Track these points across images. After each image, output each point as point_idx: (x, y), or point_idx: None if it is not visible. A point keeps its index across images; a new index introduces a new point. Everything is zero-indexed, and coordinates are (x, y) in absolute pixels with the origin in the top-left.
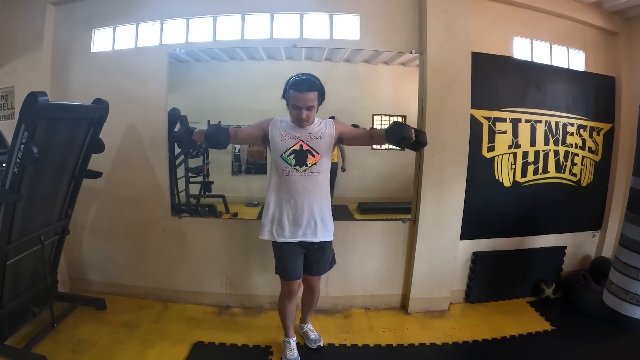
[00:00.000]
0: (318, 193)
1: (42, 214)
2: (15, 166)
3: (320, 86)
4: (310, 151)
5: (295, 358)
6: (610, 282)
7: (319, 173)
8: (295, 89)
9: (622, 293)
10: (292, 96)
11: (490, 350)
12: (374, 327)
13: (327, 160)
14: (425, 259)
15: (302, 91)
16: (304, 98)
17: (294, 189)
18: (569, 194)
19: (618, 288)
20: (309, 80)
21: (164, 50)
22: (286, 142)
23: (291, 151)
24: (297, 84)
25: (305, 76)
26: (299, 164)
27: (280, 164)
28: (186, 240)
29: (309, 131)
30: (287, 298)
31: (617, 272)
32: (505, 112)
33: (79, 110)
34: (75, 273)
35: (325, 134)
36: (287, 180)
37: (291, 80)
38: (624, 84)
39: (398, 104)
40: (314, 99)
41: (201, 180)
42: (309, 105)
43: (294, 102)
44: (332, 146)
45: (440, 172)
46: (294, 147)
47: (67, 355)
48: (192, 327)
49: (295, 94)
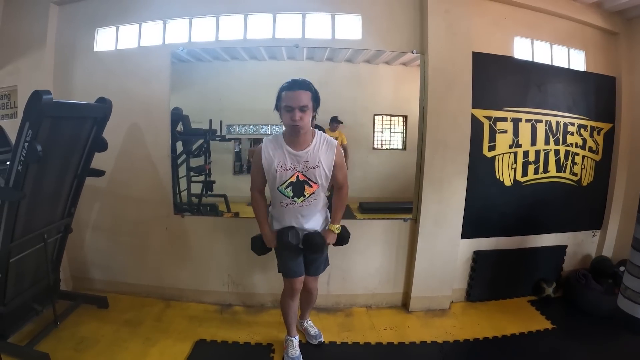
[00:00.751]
0: (316, 214)
1: (45, 212)
2: (19, 164)
3: (315, 90)
4: (307, 182)
5: (297, 356)
6: (626, 287)
7: (316, 199)
8: (286, 88)
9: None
10: (284, 97)
11: (491, 349)
12: (376, 326)
13: (325, 186)
14: (426, 257)
15: (294, 89)
16: (296, 96)
17: (293, 217)
18: (569, 194)
19: (634, 293)
20: (302, 80)
21: (167, 50)
22: (282, 175)
23: (288, 184)
24: (289, 83)
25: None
26: (296, 195)
27: (278, 196)
28: (188, 239)
29: (305, 159)
30: (289, 296)
31: (632, 277)
32: (506, 111)
33: (82, 109)
34: (77, 271)
35: (323, 161)
36: (286, 210)
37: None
38: (624, 84)
39: (399, 104)
40: (307, 99)
41: (203, 180)
42: (302, 105)
43: (287, 103)
44: (329, 174)
45: (441, 172)
46: (290, 180)
47: (70, 353)
48: (194, 325)
49: (287, 93)
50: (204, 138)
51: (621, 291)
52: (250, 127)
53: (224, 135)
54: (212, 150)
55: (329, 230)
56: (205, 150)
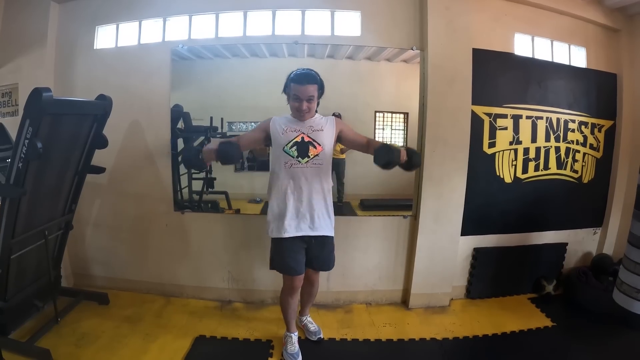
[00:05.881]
0: (319, 187)
1: (46, 208)
2: (20, 161)
3: (320, 80)
4: (312, 142)
5: (296, 352)
6: (621, 282)
7: (320, 164)
8: (295, 82)
9: (634, 292)
10: (292, 88)
11: (491, 346)
12: (375, 322)
13: (328, 152)
14: (426, 254)
15: (303, 84)
16: (304, 90)
17: (296, 180)
18: (570, 191)
19: (629, 287)
20: (309, 73)
21: (167, 47)
22: (287, 135)
23: (293, 143)
24: (298, 77)
25: (306, 70)
26: (301, 155)
27: (283, 157)
28: (189, 236)
29: (310, 124)
30: (289, 294)
31: (628, 272)
32: (507, 108)
33: (82, 106)
34: (78, 268)
35: (326, 127)
36: (290, 172)
37: (292, 75)
38: (625, 81)
39: (400, 101)
40: (314, 91)
41: (204, 177)
42: (309, 96)
43: (295, 93)
44: (333, 140)
45: (441, 168)
46: (295, 139)
47: (71, 349)
48: (194, 321)
49: (296, 86)
50: (204, 135)
51: (617, 285)
52: (251, 124)
53: (225, 132)
54: None
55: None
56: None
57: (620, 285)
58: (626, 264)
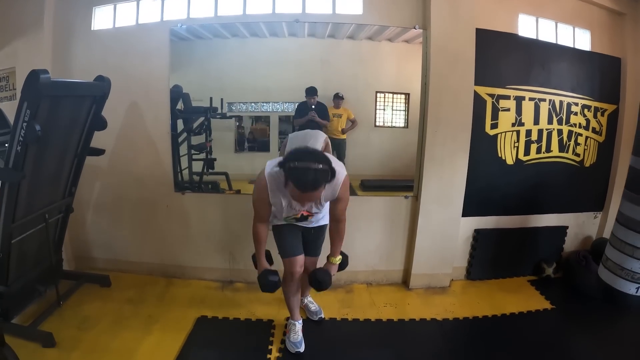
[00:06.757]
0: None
1: (45, 192)
2: (18, 144)
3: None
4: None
5: (299, 341)
6: (607, 258)
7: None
8: (296, 185)
9: (618, 269)
10: (291, 189)
11: (490, 327)
12: (376, 303)
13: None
14: (427, 235)
15: (306, 191)
16: (307, 197)
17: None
18: (571, 174)
19: (614, 264)
20: (315, 178)
21: (166, 27)
22: (288, 211)
23: (292, 217)
24: (300, 180)
25: (309, 167)
26: (300, 221)
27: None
28: (190, 217)
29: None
30: (289, 280)
31: (614, 249)
32: (509, 89)
33: (80, 87)
34: (80, 251)
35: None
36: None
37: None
38: (629, 66)
39: (401, 81)
40: (320, 193)
41: (204, 157)
42: (316, 199)
43: (295, 198)
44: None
45: (443, 148)
46: (295, 216)
47: (73, 332)
48: (195, 302)
49: (296, 191)
50: (204, 116)
51: (602, 262)
52: (251, 104)
53: (225, 113)
54: (213, 129)
55: (330, 263)
56: (206, 128)
57: (605, 261)
58: (613, 242)
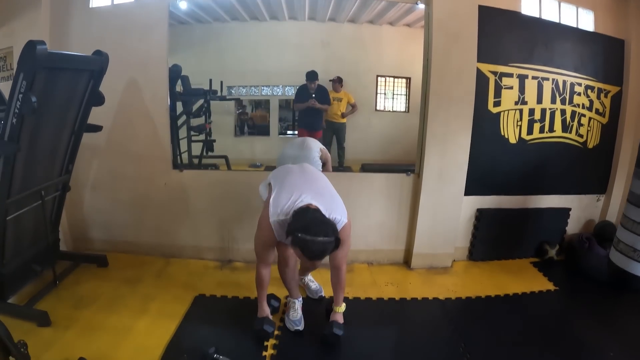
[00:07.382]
0: None
1: (42, 169)
2: (14, 116)
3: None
4: None
5: (299, 319)
6: (618, 241)
7: None
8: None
9: (631, 251)
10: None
11: (492, 307)
12: (377, 282)
13: None
14: (429, 214)
15: (313, 260)
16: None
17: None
18: (574, 155)
19: (626, 246)
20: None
21: (164, 3)
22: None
23: None
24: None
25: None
26: None
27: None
28: (188, 195)
29: None
30: (284, 265)
31: (626, 230)
32: (512, 67)
33: (78, 60)
34: (77, 231)
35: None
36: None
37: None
38: (633, 48)
39: (403, 65)
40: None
41: (203, 139)
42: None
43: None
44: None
45: (445, 126)
46: None
47: (69, 311)
48: (193, 281)
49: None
50: (204, 98)
51: (614, 244)
52: (252, 88)
53: (224, 96)
54: (213, 112)
55: (335, 313)
56: (205, 111)
57: (617, 244)
58: (624, 223)
